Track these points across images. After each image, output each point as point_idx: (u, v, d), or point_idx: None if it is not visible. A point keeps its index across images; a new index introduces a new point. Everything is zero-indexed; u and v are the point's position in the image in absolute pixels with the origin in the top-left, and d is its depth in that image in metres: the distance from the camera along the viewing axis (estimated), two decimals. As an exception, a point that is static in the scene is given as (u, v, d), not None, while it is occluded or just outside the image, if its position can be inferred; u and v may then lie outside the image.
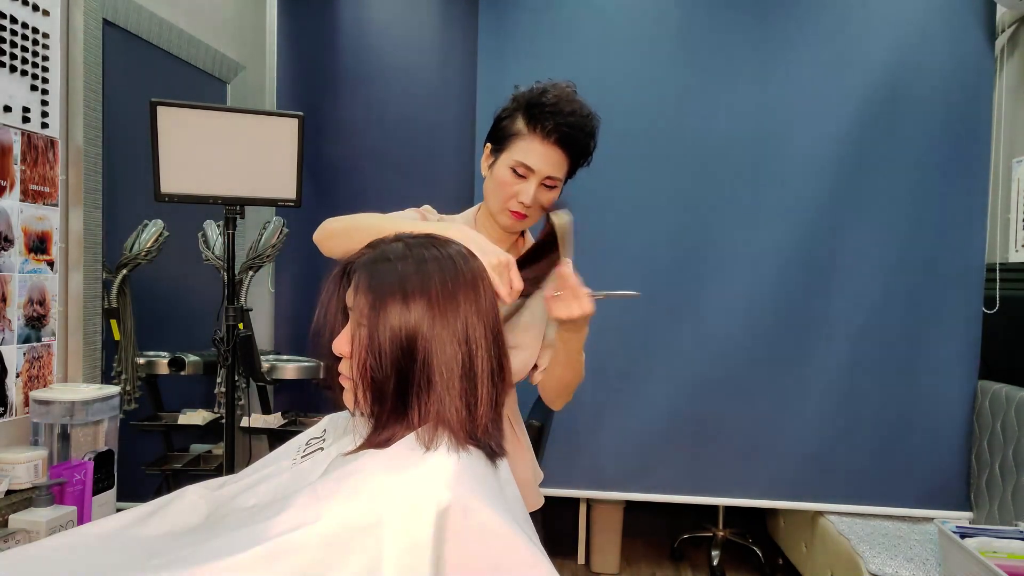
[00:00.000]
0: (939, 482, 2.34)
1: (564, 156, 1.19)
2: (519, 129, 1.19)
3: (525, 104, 1.19)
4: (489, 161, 1.26)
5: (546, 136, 1.16)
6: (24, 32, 1.49)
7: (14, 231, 1.48)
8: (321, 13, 2.76)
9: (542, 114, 1.16)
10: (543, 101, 1.16)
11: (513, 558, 0.68)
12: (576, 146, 1.19)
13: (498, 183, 1.22)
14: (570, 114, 1.16)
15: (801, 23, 2.37)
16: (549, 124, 1.15)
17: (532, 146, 1.17)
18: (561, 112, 1.15)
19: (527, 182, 1.19)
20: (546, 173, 1.18)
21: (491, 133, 1.26)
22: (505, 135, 1.21)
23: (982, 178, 2.33)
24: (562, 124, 1.15)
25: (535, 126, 1.17)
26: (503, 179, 1.20)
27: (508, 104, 1.23)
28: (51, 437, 1.45)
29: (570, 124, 1.16)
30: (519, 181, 1.19)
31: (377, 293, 0.76)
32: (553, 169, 1.19)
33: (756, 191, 2.39)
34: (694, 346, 2.43)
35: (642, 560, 2.90)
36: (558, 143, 1.17)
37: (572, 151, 1.19)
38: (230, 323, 1.75)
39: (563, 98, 1.16)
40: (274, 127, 1.72)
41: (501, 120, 1.23)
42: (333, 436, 0.92)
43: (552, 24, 2.43)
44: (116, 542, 0.79)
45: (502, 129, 1.22)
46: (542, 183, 1.19)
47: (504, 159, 1.20)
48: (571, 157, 1.20)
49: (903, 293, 2.34)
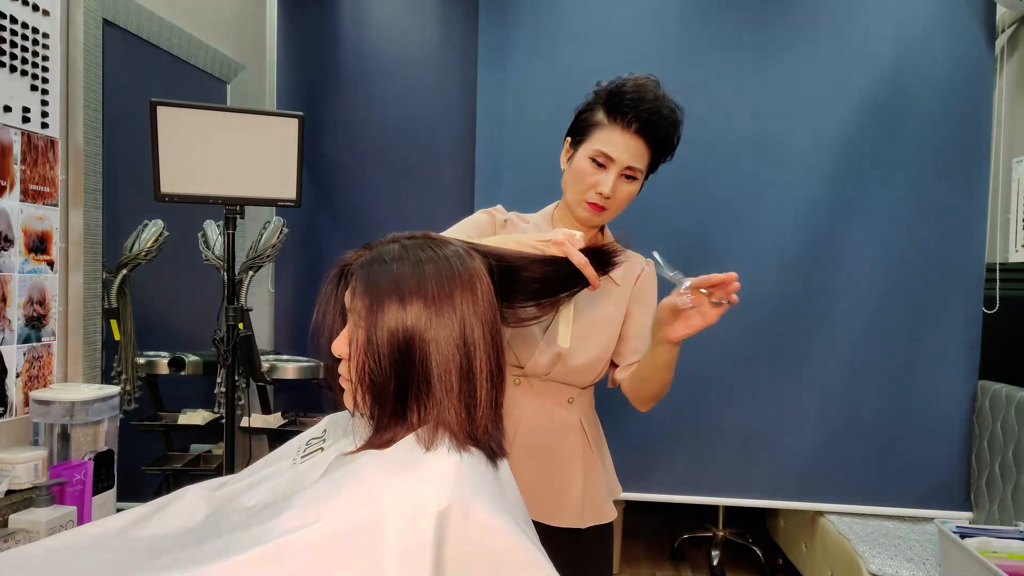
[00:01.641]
0: (939, 482, 2.35)
1: (645, 146, 1.16)
2: (599, 119, 1.17)
3: (606, 95, 1.17)
4: (568, 154, 1.24)
5: (627, 125, 1.14)
6: (24, 32, 1.49)
7: (14, 231, 1.47)
8: (321, 13, 2.76)
9: (622, 103, 1.14)
10: (624, 91, 1.14)
11: (514, 559, 0.68)
12: (657, 135, 1.16)
13: (577, 173, 1.19)
14: (652, 101, 1.14)
15: (801, 23, 2.37)
16: (630, 112, 1.13)
17: (612, 135, 1.15)
18: (643, 99, 1.13)
19: (607, 172, 1.16)
20: (626, 163, 1.16)
21: (571, 127, 1.24)
22: (585, 126, 1.19)
23: (982, 178, 2.33)
24: (643, 112, 1.13)
25: (615, 115, 1.15)
26: (582, 169, 1.18)
27: (589, 98, 1.21)
28: (51, 437, 1.45)
29: (651, 112, 1.14)
30: (599, 171, 1.17)
31: (374, 295, 0.75)
32: (634, 159, 1.16)
33: (756, 191, 2.39)
34: (694, 346, 2.41)
35: (642, 560, 2.90)
36: (639, 132, 1.14)
37: (653, 141, 1.17)
38: (230, 323, 1.75)
39: (645, 88, 1.15)
40: (274, 127, 1.72)
41: (581, 114, 1.22)
42: (333, 437, 0.92)
43: (553, 25, 2.43)
44: (116, 542, 0.79)
45: (582, 121, 1.20)
46: (622, 173, 1.17)
47: (584, 149, 1.18)
48: (652, 148, 1.18)
49: (903, 293, 2.34)
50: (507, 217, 1.30)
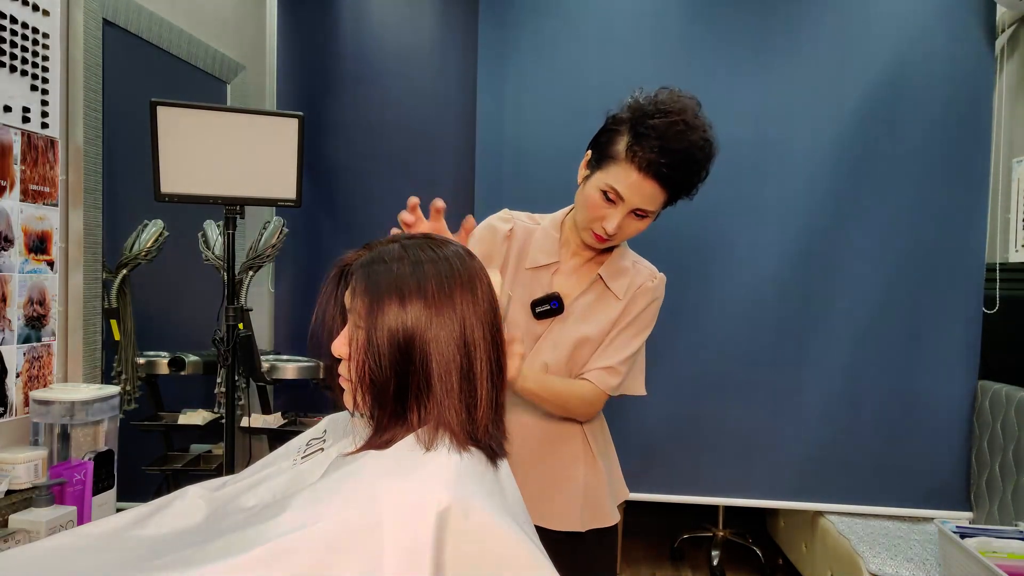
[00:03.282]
0: (939, 482, 2.34)
1: (661, 190, 1.10)
2: (618, 152, 1.09)
3: (634, 120, 1.08)
4: (585, 173, 1.18)
5: (645, 169, 1.07)
6: (24, 32, 1.49)
7: (14, 231, 1.47)
8: (321, 13, 2.76)
9: (647, 143, 1.05)
10: (652, 127, 1.05)
11: (514, 559, 0.68)
12: (674, 184, 1.10)
13: (587, 202, 1.14)
14: (675, 151, 1.05)
15: (801, 23, 2.37)
16: (651, 155, 1.05)
17: (628, 174, 1.08)
18: (666, 148, 1.05)
19: (616, 209, 1.11)
20: (636, 205, 1.10)
21: (595, 140, 1.17)
22: (605, 153, 1.12)
23: (982, 178, 2.33)
24: (663, 162, 1.05)
25: (635, 153, 1.06)
26: (592, 200, 1.13)
27: (621, 110, 1.13)
28: (51, 437, 1.45)
29: (672, 164, 1.06)
30: (608, 206, 1.12)
31: (374, 295, 0.75)
32: (645, 202, 1.10)
33: (756, 191, 2.39)
34: (694, 346, 2.43)
35: (642, 560, 2.90)
36: (655, 177, 1.07)
37: (670, 186, 1.10)
38: (230, 323, 1.75)
39: (675, 128, 1.05)
40: (274, 127, 1.72)
41: (607, 130, 1.13)
42: (333, 437, 0.92)
43: (553, 25, 2.43)
44: (116, 542, 0.79)
45: (605, 143, 1.13)
46: (632, 212, 1.12)
47: (598, 178, 1.12)
48: (669, 192, 1.11)
49: (903, 293, 2.34)
50: (512, 225, 1.27)
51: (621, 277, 1.26)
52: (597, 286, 1.26)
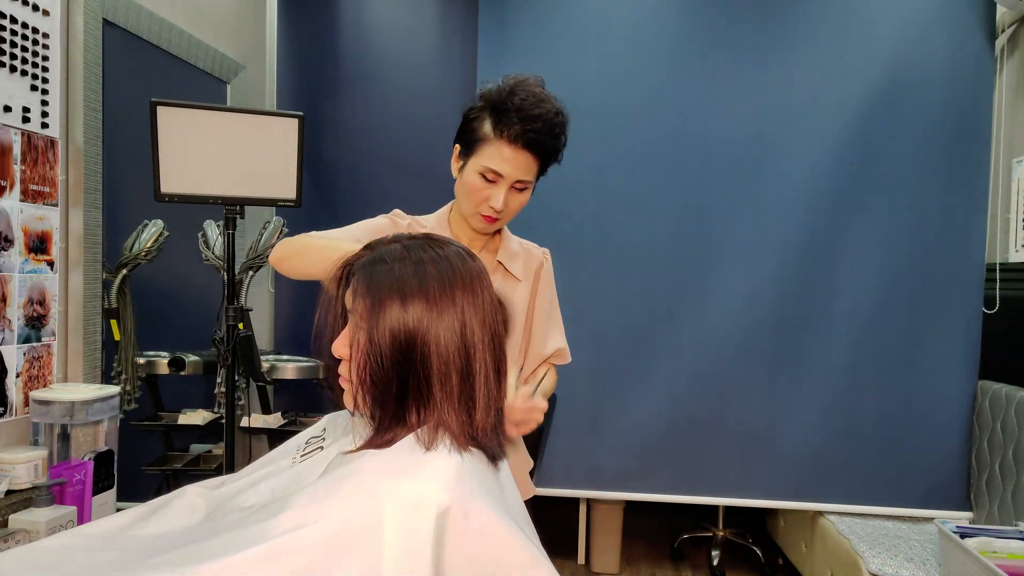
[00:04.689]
0: (939, 482, 2.34)
1: (533, 159, 1.19)
2: (486, 134, 1.18)
3: (492, 106, 1.18)
4: (459, 164, 1.26)
5: (513, 140, 1.16)
6: (24, 32, 1.49)
7: (14, 231, 1.47)
8: (321, 13, 2.76)
9: (509, 118, 1.15)
10: (510, 105, 1.15)
11: (513, 559, 0.68)
12: (544, 148, 1.19)
13: (469, 188, 1.21)
14: (537, 118, 1.15)
15: (801, 23, 2.37)
16: (516, 128, 1.15)
17: (500, 151, 1.17)
18: (528, 116, 1.15)
19: (497, 187, 1.19)
20: (515, 177, 1.18)
21: (459, 134, 1.25)
22: (473, 139, 1.20)
23: (982, 178, 2.33)
24: (529, 129, 1.15)
25: (502, 130, 1.16)
26: (473, 184, 1.20)
27: (476, 103, 1.22)
28: (51, 437, 1.46)
29: (537, 129, 1.16)
30: (489, 186, 1.19)
31: (375, 295, 0.75)
32: (523, 173, 1.19)
33: (756, 191, 2.39)
34: (694, 346, 2.43)
35: (642, 560, 2.90)
36: (526, 147, 1.16)
37: (540, 153, 1.19)
38: (230, 323, 1.75)
39: (530, 100, 1.15)
40: (274, 127, 1.72)
41: (469, 121, 1.22)
42: (333, 436, 0.92)
43: (552, 24, 2.43)
44: (116, 542, 0.79)
45: (470, 132, 1.22)
46: (512, 186, 1.20)
47: (473, 164, 1.20)
48: (540, 159, 1.20)
49: (903, 293, 2.34)
50: (408, 221, 1.32)
51: (516, 259, 1.35)
52: (498, 272, 1.32)
